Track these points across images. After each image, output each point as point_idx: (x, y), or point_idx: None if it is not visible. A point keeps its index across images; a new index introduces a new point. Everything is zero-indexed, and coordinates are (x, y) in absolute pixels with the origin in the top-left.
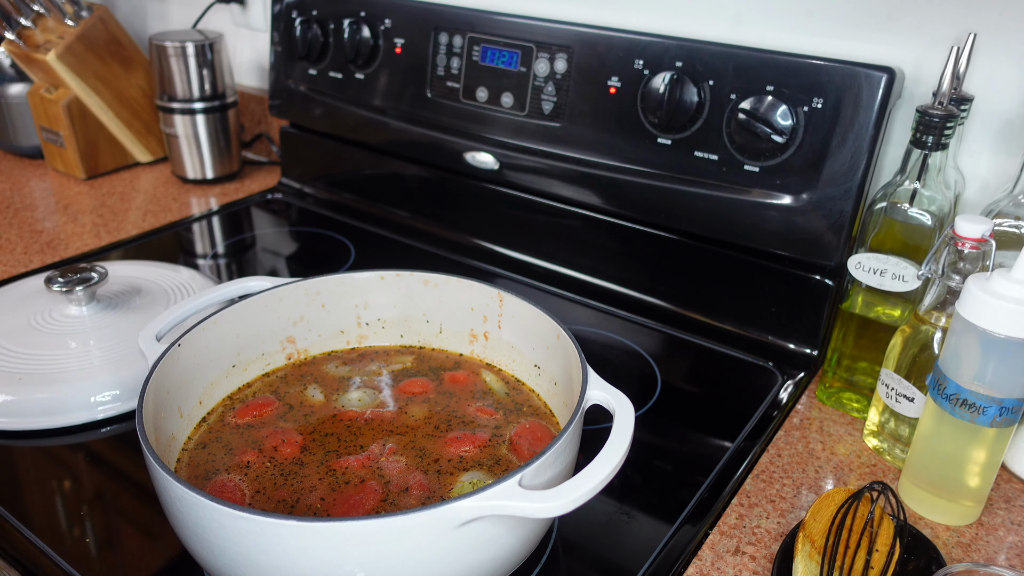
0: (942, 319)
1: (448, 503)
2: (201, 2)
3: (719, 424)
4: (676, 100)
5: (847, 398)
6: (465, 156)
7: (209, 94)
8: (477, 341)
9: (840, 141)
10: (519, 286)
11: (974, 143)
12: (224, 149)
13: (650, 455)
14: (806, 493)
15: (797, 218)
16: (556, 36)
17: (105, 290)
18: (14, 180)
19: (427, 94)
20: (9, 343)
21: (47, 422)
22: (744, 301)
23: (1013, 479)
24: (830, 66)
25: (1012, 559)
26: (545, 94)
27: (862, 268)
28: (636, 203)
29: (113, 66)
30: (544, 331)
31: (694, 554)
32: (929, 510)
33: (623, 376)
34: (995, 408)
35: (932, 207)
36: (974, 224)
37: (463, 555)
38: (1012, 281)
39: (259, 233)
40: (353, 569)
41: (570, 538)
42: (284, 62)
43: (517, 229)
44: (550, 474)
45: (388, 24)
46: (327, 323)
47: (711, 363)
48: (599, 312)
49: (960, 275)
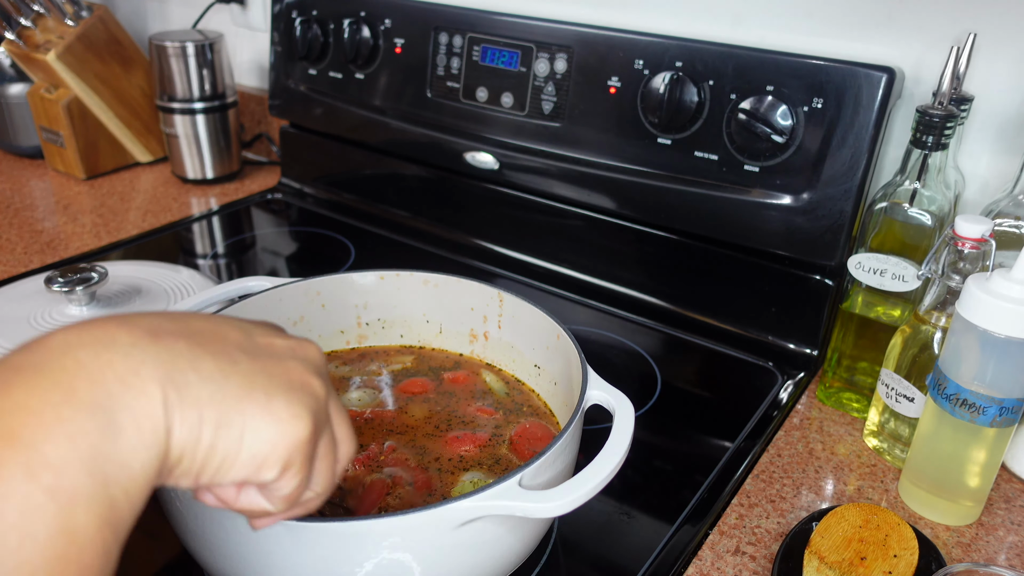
0: (942, 319)
1: (448, 503)
2: (201, 2)
3: (719, 424)
4: (676, 100)
5: (847, 398)
6: (465, 156)
7: (209, 94)
8: (477, 341)
9: (840, 141)
10: (519, 286)
11: (974, 143)
12: (224, 149)
13: (650, 455)
14: (806, 493)
15: (797, 218)
16: (556, 36)
17: (105, 290)
18: (14, 180)
19: (427, 94)
20: (9, 343)
21: None
22: (744, 301)
23: (1013, 479)
24: (830, 66)
25: (1012, 559)
26: (545, 94)
27: (862, 268)
28: (636, 203)
29: (113, 66)
30: (544, 331)
31: (694, 554)
32: (929, 510)
33: (623, 376)
34: (995, 408)
35: (932, 207)
36: (974, 224)
37: (463, 555)
38: (1012, 281)
39: (259, 233)
40: (353, 569)
41: (570, 538)
42: (284, 62)
43: (517, 229)
44: (550, 474)
45: (388, 24)
46: (327, 323)
47: (711, 363)
48: (599, 312)
49: (960, 275)
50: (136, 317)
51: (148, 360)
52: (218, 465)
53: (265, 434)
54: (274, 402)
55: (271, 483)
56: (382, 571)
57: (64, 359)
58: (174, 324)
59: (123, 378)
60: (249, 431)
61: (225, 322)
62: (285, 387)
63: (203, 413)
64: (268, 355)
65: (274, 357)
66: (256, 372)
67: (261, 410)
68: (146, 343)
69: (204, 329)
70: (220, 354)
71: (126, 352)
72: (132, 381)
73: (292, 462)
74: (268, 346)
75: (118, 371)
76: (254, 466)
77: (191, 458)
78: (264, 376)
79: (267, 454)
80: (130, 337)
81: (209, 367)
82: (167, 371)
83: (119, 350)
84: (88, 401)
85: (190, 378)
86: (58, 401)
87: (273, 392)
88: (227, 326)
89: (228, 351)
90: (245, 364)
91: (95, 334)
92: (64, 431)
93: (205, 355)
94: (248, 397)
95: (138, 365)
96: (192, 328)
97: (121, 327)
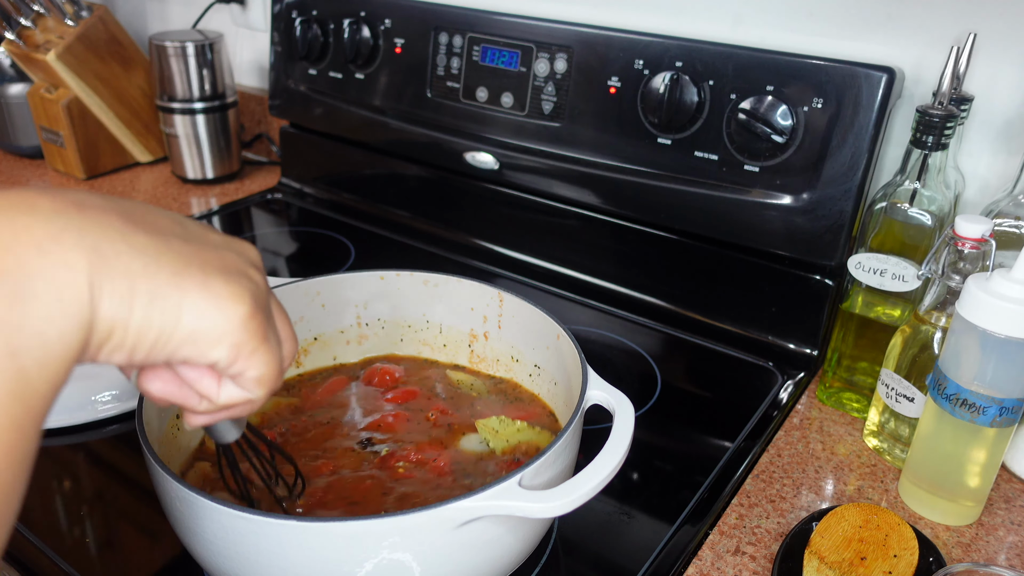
0: (942, 319)
1: (448, 503)
2: (201, 2)
3: (719, 424)
4: (676, 100)
5: (847, 398)
6: (465, 156)
7: (209, 94)
8: (477, 341)
9: (840, 141)
10: (519, 286)
11: (974, 143)
12: (224, 149)
13: (650, 455)
14: (806, 493)
15: (797, 218)
16: (556, 36)
17: None
18: (14, 180)
19: (427, 94)
20: None
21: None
22: (744, 301)
23: (1013, 479)
24: (830, 66)
25: (1012, 559)
26: (545, 94)
27: (862, 268)
28: (636, 203)
29: (113, 66)
30: (544, 331)
31: (694, 554)
32: (929, 510)
33: (623, 376)
34: (995, 408)
35: (932, 207)
36: (974, 224)
37: (463, 555)
38: (1012, 281)
39: (259, 233)
40: (353, 569)
41: (570, 538)
42: (284, 62)
43: (517, 229)
44: (550, 474)
45: (388, 24)
46: (327, 323)
47: (711, 363)
48: (599, 312)
49: (960, 275)
50: (61, 190)
51: (71, 228)
52: (154, 340)
53: (205, 311)
54: (212, 280)
55: (230, 367)
56: (382, 571)
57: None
58: (103, 200)
59: (40, 244)
60: (188, 306)
61: (157, 210)
62: (222, 270)
63: (135, 284)
64: (203, 243)
65: (209, 245)
66: (191, 254)
67: (198, 287)
68: (72, 212)
69: (134, 210)
70: (153, 233)
71: (47, 218)
72: (51, 247)
73: (244, 342)
74: (202, 236)
75: (36, 236)
76: (196, 345)
77: (123, 331)
78: (199, 260)
79: (209, 331)
80: (52, 205)
81: (142, 241)
82: (95, 241)
83: (40, 215)
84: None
85: (119, 248)
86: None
87: (210, 272)
88: (158, 213)
89: (161, 232)
90: (179, 246)
91: (12, 199)
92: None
93: (137, 231)
94: (184, 273)
95: (59, 232)
96: (123, 207)
97: (43, 195)
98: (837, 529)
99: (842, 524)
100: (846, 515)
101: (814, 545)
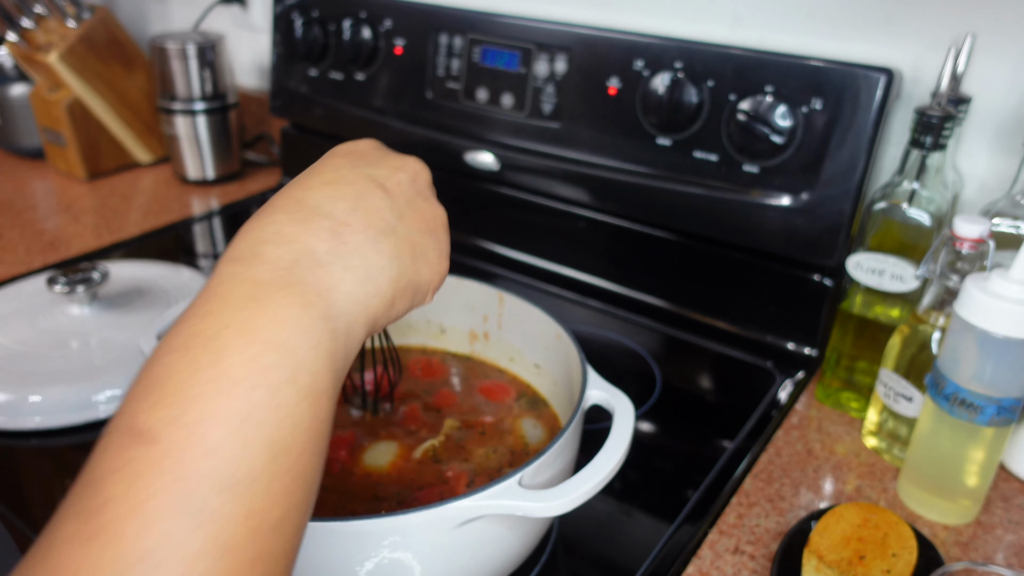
0: (940, 319)
1: (448, 503)
2: (202, 3)
3: (718, 424)
4: (676, 101)
5: (846, 398)
6: (465, 156)
7: (210, 95)
8: (477, 341)
9: (839, 142)
10: (519, 286)
11: (972, 143)
12: (225, 150)
13: (650, 455)
14: (805, 492)
15: (796, 218)
16: (556, 37)
17: (106, 290)
18: (16, 180)
19: (427, 95)
20: (10, 343)
21: (47, 422)
22: (743, 301)
23: (1011, 478)
24: (829, 67)
25: (1010, 558)
26: (545, 95)
27: (861, 268)
28: (636, 203)
29: (114, 67)
30: (544, 331)
31: (694, 553)
32: (927, 509)
33: (623, 376)
34: (993, 407)
35: (930, 207)
36: (972, 224)
37: (463, 554)
38: (1010, 281)
39: None
40: (353, 568)
41: (570, 538)
42: (285, 63)
43: (517, 229)
44: (550, 473)
45: (388, 25)
46: None
47: (710, 363)
48: (599, 312)
49: (958, 275)
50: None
51: (390, 274)
52: (393, 317)
53: (434, 278)
54: (429, 255)
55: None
56: (382, 570)
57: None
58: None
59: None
60: (420, 291)
61: (380, 200)
62: (436, 253)
63: (402, 287)
64: (414, 221)
65: (425, 231)
66: (417, 253)
67: (427, 265)
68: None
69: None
70: (401, 248)
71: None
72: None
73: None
74: (410, 212)
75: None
76: (428, 295)
77: (384, 322)
78: (419, 248)
79: (435, 286)
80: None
81: (407, 268)
82: (396, 275)
83: (383, 274)
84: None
85: (406, 275)
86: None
87: (426, 249)
88: (380, 204)
89: (400, 247)
90: (408, 253)
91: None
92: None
93: (401, 257)
94: (421, 258)
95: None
96: (397, 236)
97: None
98: (836, 528)
99: (841, 523)
100: (845, 514)
101: (813, 544)
